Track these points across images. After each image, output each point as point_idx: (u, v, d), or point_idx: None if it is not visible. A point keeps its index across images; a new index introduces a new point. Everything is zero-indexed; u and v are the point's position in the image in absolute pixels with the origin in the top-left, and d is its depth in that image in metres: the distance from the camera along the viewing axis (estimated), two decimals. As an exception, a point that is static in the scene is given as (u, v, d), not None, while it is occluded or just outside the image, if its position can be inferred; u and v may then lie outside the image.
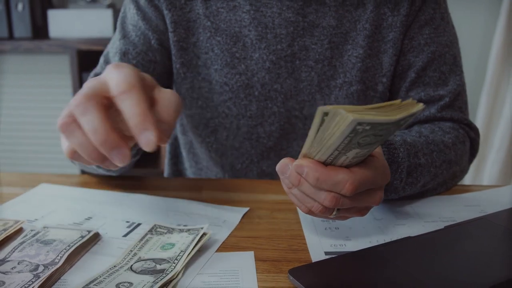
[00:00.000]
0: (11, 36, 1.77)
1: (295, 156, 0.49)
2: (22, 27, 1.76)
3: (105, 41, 1.71)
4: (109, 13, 1.72)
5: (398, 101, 0.40)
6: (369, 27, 0.75)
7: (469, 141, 0.75)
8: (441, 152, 0.67)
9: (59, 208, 0.66)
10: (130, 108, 0.39)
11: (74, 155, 0.45)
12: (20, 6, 1.74)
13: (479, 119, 1.91)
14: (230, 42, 0.76)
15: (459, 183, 0.76)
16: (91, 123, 0.39)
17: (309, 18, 0.74)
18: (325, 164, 0.46)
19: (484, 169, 1.92)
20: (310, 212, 0.49)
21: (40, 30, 1.81)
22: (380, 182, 0.48)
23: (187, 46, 0.77)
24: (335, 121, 0.39)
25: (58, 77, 1.80)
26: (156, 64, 0.78)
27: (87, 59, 1.77)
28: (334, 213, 0.49)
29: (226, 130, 0.79)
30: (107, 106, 0.41)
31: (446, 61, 0.76)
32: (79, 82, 1.74)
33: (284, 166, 0.48)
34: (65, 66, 1.77)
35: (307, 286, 0.45)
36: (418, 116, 0.77)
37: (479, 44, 1.95)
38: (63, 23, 1.75)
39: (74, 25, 1.74)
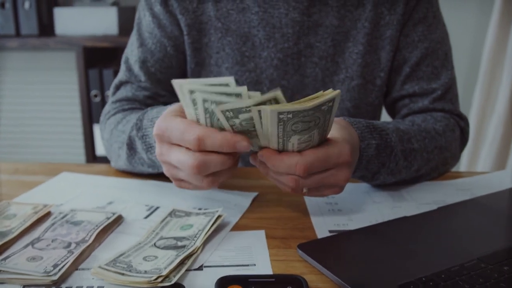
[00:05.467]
0: (18, 34, 1.82)
1: None
2: (28, 25, 1.80)
3: (110, 38, 1.76)
4: (113, 11, 1.77)
5: (320, 92, 0.49)
6: (368, 25, 0.80)
7: (459, 130, 0.81)
8: (433, 139, 0.73)
9: (81, 194, 0.71)
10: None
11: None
12: (26, 4, 1.78)
13: (473, 112, 1.96)
14: (240, 42, 0.81)
15: (452, 170, 0.82)
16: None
17: (314, 18, 0.80)
18: (278, 151, 0.54)
19: (477, 162, 1.98)
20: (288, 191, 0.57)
21: (46, 28, 1.85)
22: (335, 161, 0.54)
23: (200, 46, 0.83)
24: (264, 116, 0.49)
25: (65, 74, 1.85)
26: (173, 69, 0.85)
27: (92, 56, 1.82)
28: (304, 190, 0.56)
29: None
30: None
31: (438, 56, 0.82)
32: (85, 78, 1.79)
33: (253, 159, 0.57)
34: (71, 62, 1.82)
35: (314, 258, 0.51)
36: (413, 107, 0.82)
37: (473, 38, 2.00)
38: (69, 21, 1.79)
39: (79, 23, 1.79)
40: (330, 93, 0.49)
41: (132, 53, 0.85)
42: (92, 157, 1.88)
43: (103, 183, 0.75)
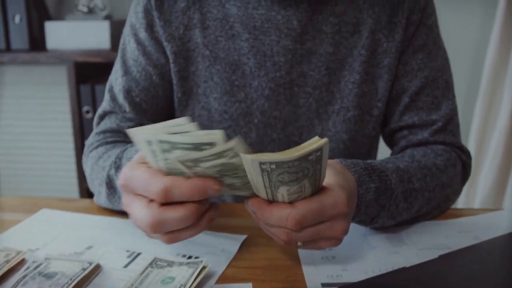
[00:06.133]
0: (8, 48, 1.77)
1: None
2: (19, 39, 1.76)
3: (102, 53, 1.72)
4: (106, 24, 1.73)
5: (307, 142, 0.46)
6: (365, 53, 0.76)
7: (461, 164, 0.77)
8: (434, 176, 0.69)
9: (60, 236, 0.67)
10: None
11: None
12: (17, 18, 1.74)
13: (474, 126, 1.92)
14: (229, 71, 0.77)
15: (453, 206, 0.77)
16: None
17: (307, 45, 0.76)
18: (269, 201, 0.50)
19: (478, 179, 1.94)
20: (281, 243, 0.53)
21: (37, 42, 1.81)
22: (331, 213, 0.50)
23: (187, 75, 0.79)
24: (246, 164, 0.45)
25: (56, 89, 1.81)
26: (159, 98, 0.81)
27: (84, 71, 1.78)
28: (299, 244, 0.52)
29: None
30: None
31: (439, 85, 0.78)
32: (76, 94, 1.75)
33: (246, 206, 0.53)
34: (62, 77, 1.78)
35: (305, 322, 0.47)
36: (412, 139, 0.78)
37: (474, 51, 1.96)
38: (60, 35, 1.75)
39: (71, 37, 1.74)
40: (316, 143, 0.45)
41: (116, 81, 0.81)
42: (83, 174, 1.84)
43: (83, 223, 0.71)
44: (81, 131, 1.79)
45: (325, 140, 0.45)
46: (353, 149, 0.79)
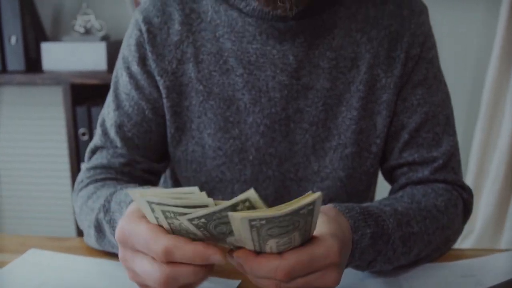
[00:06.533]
0: (4, 69, 1.76)
1: None
2: (15, 60, 1.74)
3: (98, 74, 1.71)
4: (102, 45, 1.71)
5: (299, 198, 0.45)
6: (363, 88, 0.75)
7: (462, 203, 0.75)
8: (434, 218, 0.67)
9: (47, 281, 0.64)
10: None
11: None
12: (13, 39, 1.73)
13: (474, 146, 1.89)
14: (224, 106, 0.75)
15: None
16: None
17: (303, 81, 0.74)
18: (256, 252, 0.48)
19: (479, 202, 1.92)
20: None
21: (33, 63, 1.80)
22: (322, 263, 0.48)
23: (180, 110, 0.77)
24: (234, 222, 0.44)
25: (52, 110, 1.79)
26: (152, 133, 0.79)
27: (80, 92, 1.77)
28: None
29: (221, 194, 0.78)
30: None
31: (439, 121, 0.76)
32: (72, 115, 1.73)
33: (230, 257, 0.50)
34: (58, 99, 1.76)
35: None
36: (412, 177, 0.76)
37: (476, 61, 1.88)
38: (57, 56, 1.74)
39: (67, 58, 1.73)
40: (308, 197, 0.44)
41: (108, 115, 0.79)
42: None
43: (72, 266, 0.68)
44: (77, 153, 1.77)
45: (318, 194, 0.44)
46: (351, 186, 0.77)
